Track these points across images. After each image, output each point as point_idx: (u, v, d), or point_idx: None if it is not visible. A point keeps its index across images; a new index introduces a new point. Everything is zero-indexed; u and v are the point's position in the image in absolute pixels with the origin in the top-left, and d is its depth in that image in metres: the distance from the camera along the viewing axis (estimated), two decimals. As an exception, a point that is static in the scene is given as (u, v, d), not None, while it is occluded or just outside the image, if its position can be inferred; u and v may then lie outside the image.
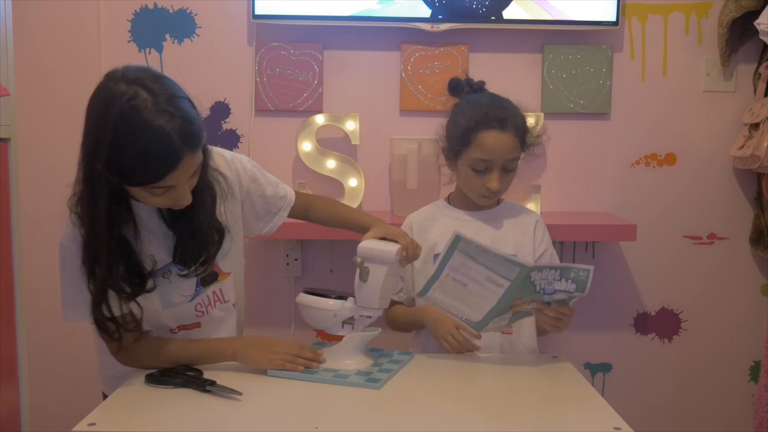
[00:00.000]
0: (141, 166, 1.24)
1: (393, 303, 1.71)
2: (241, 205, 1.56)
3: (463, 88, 1.71)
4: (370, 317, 1.47)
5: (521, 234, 1.69)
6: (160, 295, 1.43)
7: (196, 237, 1.41)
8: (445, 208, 1.73)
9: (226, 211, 1.49)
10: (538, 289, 1.41)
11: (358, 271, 1.44)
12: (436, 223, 1.71)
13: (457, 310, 1.46)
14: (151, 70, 1.30)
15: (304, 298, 1.49)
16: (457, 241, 1.41)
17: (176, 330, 1.49)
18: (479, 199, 1.68)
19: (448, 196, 1.77)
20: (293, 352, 1.42)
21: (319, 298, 1.48)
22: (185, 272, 1.42)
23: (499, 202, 1.73)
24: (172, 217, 1.40)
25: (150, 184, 1.26)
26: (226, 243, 1.47)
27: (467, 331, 1.52)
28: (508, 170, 1.63)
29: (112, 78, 1.26)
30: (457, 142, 1.63)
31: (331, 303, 1.46)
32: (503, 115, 1.60)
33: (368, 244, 1.45)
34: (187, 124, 1.25)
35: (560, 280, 1.41)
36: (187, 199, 1.33)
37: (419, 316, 1.65)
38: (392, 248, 1.44)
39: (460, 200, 1.73)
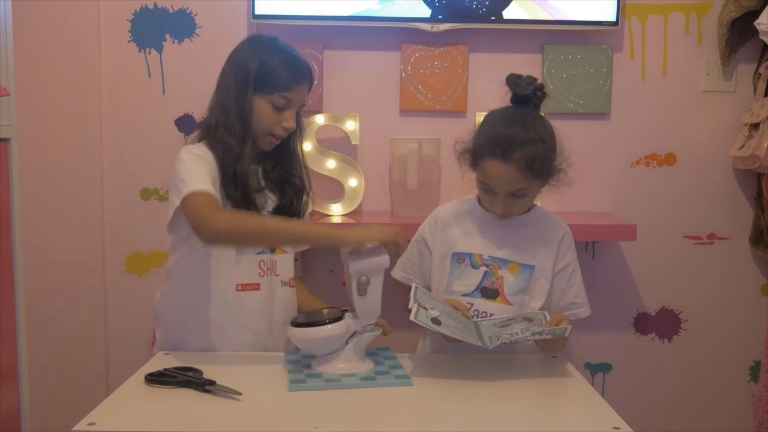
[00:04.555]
0: (286, 66, 1.58)
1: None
2: None
3: (514, 86, 1.56)
4: (371, 324, 1.47)
5: (543, 245, 1.61)
6: None
7: (295, 189, 1.69)
8: (473, 208, 1.66)
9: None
10: (510, 341, 1.41)
11: (354, 286, 1.40)
12: (460, 221, 1.64)
13: (453, 330, 1.41)
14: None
15: (298, 333, 1.43)
16: (415, 292, 1.42)
17: (239, 288, 1.60)
18: (494, 214, 1.59)
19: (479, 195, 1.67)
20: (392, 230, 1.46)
21: (316, 329, 1.41)
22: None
23: (530, 208, 1.64)
24: (273, 176, 1.68)
25: (283, 90, 1.57)
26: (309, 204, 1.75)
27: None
28: (517, 196, 1.53)
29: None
30: (470, 158, 1.56)
31: (332, 328, 1.41)
32: (510, 144, 1.47)
33: (358, 259, 1.41)
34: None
35: (533, 336, 1.41)
36: (293, 124, 1.62)
37: None
38: (385, 256, 1.42)
39: None
